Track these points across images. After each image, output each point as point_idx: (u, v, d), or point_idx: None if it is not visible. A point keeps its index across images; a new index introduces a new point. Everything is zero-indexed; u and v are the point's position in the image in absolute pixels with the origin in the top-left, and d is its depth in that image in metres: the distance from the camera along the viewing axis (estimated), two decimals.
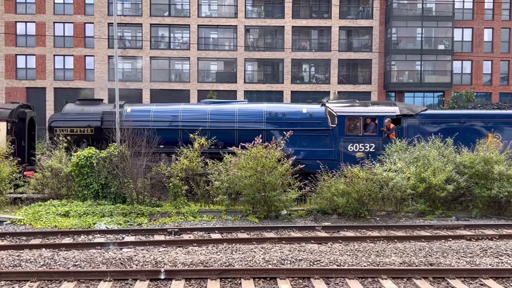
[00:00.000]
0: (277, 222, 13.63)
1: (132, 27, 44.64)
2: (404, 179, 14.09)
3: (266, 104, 18.43)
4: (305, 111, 17.56)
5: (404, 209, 14.94)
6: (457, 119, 17.15)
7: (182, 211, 14.13)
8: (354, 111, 17.32)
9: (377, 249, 10.42)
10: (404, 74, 44.55)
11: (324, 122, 17.16)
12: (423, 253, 10.14)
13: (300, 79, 45.43)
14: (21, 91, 43.72)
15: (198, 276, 8.46)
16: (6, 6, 43.40)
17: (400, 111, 17.21)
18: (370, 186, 13.82)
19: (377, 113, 17.26)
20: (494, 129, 16.86)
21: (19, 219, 13.29)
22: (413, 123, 17.00)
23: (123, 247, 10.65)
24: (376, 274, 8.62)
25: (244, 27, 44.35)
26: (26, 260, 9.35)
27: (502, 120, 17.14)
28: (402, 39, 44.04)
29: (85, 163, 15.02)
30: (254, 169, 13.64)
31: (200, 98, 42.04)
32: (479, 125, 16.96)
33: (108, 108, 18.10)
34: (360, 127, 17.02)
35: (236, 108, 17.88)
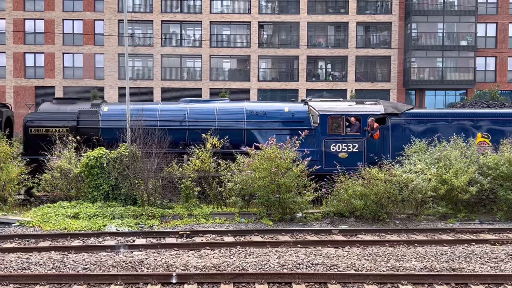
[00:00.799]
0: (292, 225, 13.61)
1: (143, 24, 44.90)
2: (424, 180, 13.98)
3: (247, 103, 18.48)
4: (287, 110, 17.56)
5: (425, 212, 14.83)
6: (444, 118, 17.07)
7: (194, 213, 14.18)
8: (336, 110, 17.17)
9: (396, 254, 10.36)
10: (424, 71, 44.16)
11: (307, 121, 17.08)
12: (445, 258, 10.06)
13: (316, 76, 45.29)
14: (30, 90, 44.24)
15: (210, 280, 8.49)
16: (15, 3, 43.94)
17: (385, 109, 17.06)
18: (389, 188, 13.73)
19: (361, 112, 17.06)
20: (483, 128, 16.76)
21: (28, 221, 13.43)
22: (399, 122, 16.86)
23: (134, 250, 10.72)
24: (396, 279, 8.57)
25: (258, 23, 44.34)
26: (35, 263, 9.46)
27: (491, 119, 16.98)
28: (423, 34, 43.64)
29: (95, 163, 15.13)
30: (268, 170, 13.62)
31: (213, 96, 42.15)
32: (467, 124, 16.81)
33: (84, 107, 18.25)
34: (343, 127, 16.89)
35: (216, 107, 17.88)
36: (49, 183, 15.55)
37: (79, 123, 17.59)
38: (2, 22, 44.15)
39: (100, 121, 17.62)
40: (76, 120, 17.63)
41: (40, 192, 15.59)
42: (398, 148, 16.19)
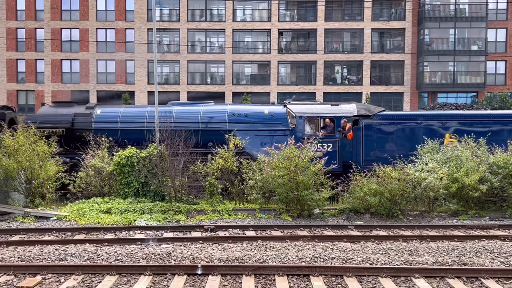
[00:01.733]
0: (310, 221, 13.57)
1: (170, 32, 45.23)
2: (436, 179, 13.81)
3: (230, 106, 18.56)
4: (266, 112, 17.64)
5: (437, 209, 14.65)
6: (414, 120, 17.00)
7: (217, 209, 14.24)
8: (312, 112, 17.26)
9: (409, 248, 10.25)
10: (437, 75, 43.61)
11: (285, 123, 17.20)
12: (456, 253, 9.92)
13: (333, 80, 45.06)
14: (66, 94, 44.92)
15: (233, 272, 8.51)
16: (52, 14, 44.69)
17: (358, 111, 17.12)
18: (402, 186, 13.61)
19: (335, 114, 17.21)
20: (451, 129, 16.72)
21: (64, 216, 13.65)
22: (370, 123, 16.86)
23: (162, 243, 10.80)
24: (409, 272, 8.48)
25: (278, 30, 44.30)
26: (71, 254, 9.59)
27: (458, 120, 16.89)
28: (435, 40, 43.10)
29: (126, 162, 15.30)
30: (287, 169, 13.62)
31: (235, 100, 42.28)
32: (436, 125, 16.81)
33: (79, 110, 18.50)
34: (318, 127, 17.01)
35: (200, 109, 17.97)
36: (84, 181, 15.78)
37: (74, 124, 17.87)
38: (41, 31, 44.94)
39: (93, 123, 17.90)
40: (71, 122, 17.91)
41: (75, 189, 15.83)
42: (370, 147, 16.40)
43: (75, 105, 19.28)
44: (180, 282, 8.07)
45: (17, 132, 15.16)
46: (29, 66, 45.09)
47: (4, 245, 10.51)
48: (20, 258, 9.39)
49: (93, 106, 18.68)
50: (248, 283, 8.07)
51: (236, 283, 8.10)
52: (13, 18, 44.90)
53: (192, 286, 7.95)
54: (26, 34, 44.98)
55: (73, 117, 18.05)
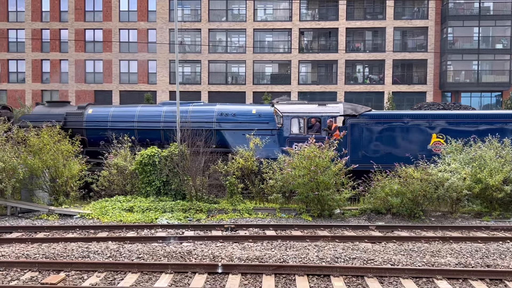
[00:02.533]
0: (330, 221, 13.51)
1: (192, 32, 45.50)
2: (459, 179, 13.60)
3: (218, 105, 18.52)
4: (254, 112, 17.70)
5: (459, 209, 14.43)
6: (400, 119, 16.82)
7: (238, 208, 14.27)
8: (298, 111, 17.21)
9: (432, 250, 10.13)
10: (460, 74, 42.94)
11: (272, 122, 17.23)
12: (479, 255, 9.76)
13: (354, 80, 44.74)
14: (90, 94, 45.57)
15: (253, 271, 8.52)
16: (76, 15, 45.38)
17: (344, 111, 17.06)
18: (425, 186, 13.44)
19: (321, 113, 17.19)
20: (438, 129, 16.54)
21: (87, 213, 13.84)
22: (357, 123, 16.78)
23: (183, 241, 10.87)
24: (431, 274, 8.38)
25: (299, 29, 44.19)
26: (94, 252, 9.73)
27: (446, 120, 16.70)
28: (458, 38, 42.43)
29: (148, 161, 15.44)
30: (308, 169, 13.57)
31: (255, 99, 42.32)
32: (423, 125, 16.64)
33: (71, 110, 18.86)
34: (305, 127, 16.98)
35: (189, 109, 18.09)
36: (106, 179, 15.98)
37: (66, 124, 18.08)
38: (65, 32, 45.69)
39: (84, 122, 18.21)
40: (63, 121, 18.13)
41: (98, 187, 16.05)
42: (356, 146, 16.34)
43: (68, 105, 19.80)
44: (201, 281, 8.12)
45: (41, 131, 15.44)
46: (53, 66, 45.88)
47: (29, 242, 10.72)
48: (45, 255, 9.56)
49: (85, 106, 19.14)
50: (268, 282, 8.07)
51: (256, 282, 8.11)
52: (38, 19, 45.75)
53: (212, 285, 7.99)
54: (51, 35, 45.78)
55: (65, 117, 18.44)
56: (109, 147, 16.67)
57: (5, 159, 13.94)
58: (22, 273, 8.53)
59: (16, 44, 46.23)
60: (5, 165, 13.86)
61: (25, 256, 9.51)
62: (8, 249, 10.02)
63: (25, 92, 45.91)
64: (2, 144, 14.75)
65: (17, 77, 46.54)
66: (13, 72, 46.53)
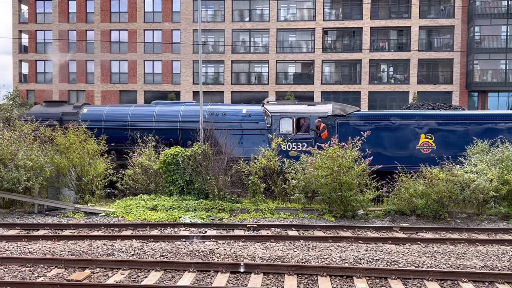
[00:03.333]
0: (353, 222, 13.40)
1: (215, 33, 45.73)
2: (486, 181, 13.34)
3: (209, 105, 18.63)
4: (245, 112, 17.82)
5: (486, 211, 14.15)
6: (388, 119, 16.75)
7: (260, 208, 14.27)
8: (287, 112, 17.28)
9: (457, 252, 9.96)
10: (487, 74, 42.09)
11: (261, 122, 17.34)
12: (506, 257, 9.55)
13: (378, 79, 44.30)
14: (115, 94, 46.22)
15: (275, 271, 8.51)
16: (102, 16, 46.08)
17: (333, 111, 17.05)
18: (450, 187, 13.22)
19: (309, 113, 17.24)
20: (426, 129, 16.39)
21: (112, 212, 14.03)
22: (345, 122, 16.83)
23: (206, 240, 10.93)
24: (456, 276, 8.24)
25: (322, 29, 43.98)
26: (119, 249, 9.86)
27: (434, 121, 16.54)
28: (486, 37, 41.59)
29: (172, 160, 15.57)
30: (331, 169, 13.49)
31: (279, 99, 42.28)
32: (411, 125, 16.49)
33: (67, 109, 19.27)
34: (293, 127, 17.00)
35: (181, 109, 18.38)
36: (131, 178, 16.18)
37: (62, 123, 18.38)
38: (91, 33, 46.44)
39: (79, 121, 18.42)
40: (59, 120, 18.50)
41: (123, 186, 16.26)
42: None
43: (64, 105, 20.29)
44: (223, 280, 8.15)
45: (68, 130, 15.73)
46: (80, 67, 46.69)
47: (56, 239, 10.93)
48: (70, 252, 9.73)
49: (80, 105, 19.57)
50: (290, 282, 8.06)
51: (279, 282, 8.10)
52: (65, 20, 46.61)
53: (234, 284, 8.01)
54: (77, 35, 46.60)
55: (61, 116, 18.87)
56: None
57: (32, 157, 14.25)
58: (48, 270, 8.70)
59: (43, 45, 47.20)
60: (33, 163, 14.16)
61: (51, 253, 9.70)
62: (35, 246, 10.24)
63: (52, 92, 46.84)
64: (30, 143, 15.07)
65: (44, 78, 47.53)
66: (40, 73, 47.53)
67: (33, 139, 15.41)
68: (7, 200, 15.14)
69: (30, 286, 7.74)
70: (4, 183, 13.82)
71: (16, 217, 13.76)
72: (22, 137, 15.06)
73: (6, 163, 13.97)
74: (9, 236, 11.17)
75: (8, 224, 12.51)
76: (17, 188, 13.94)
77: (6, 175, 13.71)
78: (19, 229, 12.20)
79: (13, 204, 15.25)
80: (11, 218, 13.61)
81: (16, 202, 15.21)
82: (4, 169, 13.76)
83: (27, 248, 10.04)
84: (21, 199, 14.63)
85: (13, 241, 10.83)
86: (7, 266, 8.85)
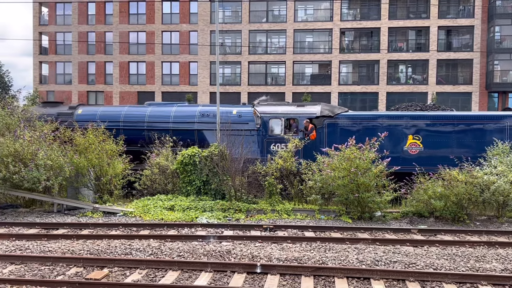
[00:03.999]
0: (371, 223, 13.31)
1: (232, 34, 45.86)
2: (506, 183, 13.14)
3: (200, 107, 18.98)
4: (235, 112, 18.14)
5: (506, 214, 13.94)
6: (375, 120, 16.93)
7: (276, 209, 14.27)
8: (276, 112, 17.43)
9: (476, 254, 9.83)
10: (508, 74, 41.41)
11: (251, 123, 17.56)
12: None
13: (396, 80, 43.94)
14: (133, 95, 46.64)
15: (292, 272, 8.50)
16: (120, 18, 46.55)
17: (321, 112, 17.20)
18: (470, 189, 13.05)
19: (298, 114, 17.43)
20: (414, 130, 16.51)
21: (130, 212, 14.16)
22: (333, 123, 16.97)
23: (222, 240, 10.96)
24: (475, 279, 8.13)
25: (340, 29, 43.80)
26: (136, 249, 9.95)
27: (422, 121, 16.61)
28: (506, 37, 40.97)
29: (189, 161, 15.66)
30: (348, 170, 13.42)
31: (295, 100, 42.22)
32: (399, 126, 16.64)
33: (63, 110, 19.70)
34: (282, 128, 17.29)
35: (172, 110, 18.71)
36: (149, 178, 16.31)
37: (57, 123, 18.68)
38: (109, 34, 46.96)
39: (74, 122, 18.65)
40: (54, 120, 18.65)
41: (141, 186, 16.40)
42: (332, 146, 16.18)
43: (60, 105, 20.78)
44: (240, 280, 8.17)
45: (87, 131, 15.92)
46: (98, 68, 47.23)
47: (75, 239, 11.07)
48: (89, 251, 9.85)
49: (75, 106, 20.01)
50: (307, 284, 8.04)
51: (295, 283, 8.09)
52: (84, 22, 47.20)
53: (251, 285, 8.02)
54: (96, 37, 47.15)
55: (56, 116, 19.19)
56: None
57: (52, 157, 14.45)
58: (67, 268, 8.82)
59: (63, 46, 47.87)
60: (53, 163, 14.36)
61: (70, 252, 9.83)
62: (55, 245, 10.39)
63: (72, 93, 47.46)
64: (50, 143, 15.30)
65: (64, 79, 48.18)
66: (60, 74, 48.20)
67: (53, 139, 15.63)
68: (27, 199, 15.40)
69: (50, 284, 7.85)
70: (25, 182, 14.05)
71: (36, 216, 13.98)
72: (42, 137, 15.29)
73: (26, 162, 14.20)
74: (30, 235, 11.35)
75: (28, 223, 12.72)
76: (37, 187, 14.15)
77: (26, 174, 13.93)
78: (39, 228, 12.39)
79: (33, 203, 15.51)
80: (31, 217, 13.84)
81: (36, 201, 15.46)
82: (24, 169, 13.99)
83: (46, 247, 10.19)
84: (41, 198, 14.86)
85: (33, 240, 11.01)
86: (27, 265, 9.00)
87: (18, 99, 20.43)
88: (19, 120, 16.38)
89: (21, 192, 14.78)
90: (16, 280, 7.95)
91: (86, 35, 47.28)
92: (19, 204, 15.62)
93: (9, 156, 14.21)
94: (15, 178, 13.96)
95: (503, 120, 16.16)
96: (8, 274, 8.45)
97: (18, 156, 14.32)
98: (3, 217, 13.78)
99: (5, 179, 14.24)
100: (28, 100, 40.10)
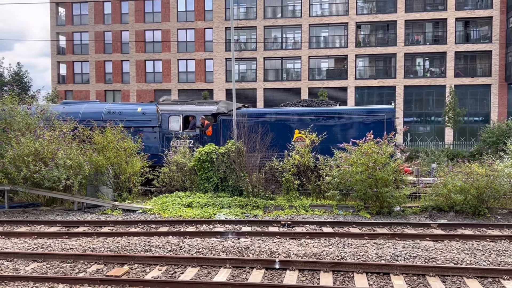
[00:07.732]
0: (389, 218, 13.21)
1: (247, 30, 45.86)
2: None
3: (108, 104, 19.88)
4: (139, 110, 19.03)
5: None
6: (264, 116, 18.16)
7: (294, 205, 14.25)
8: (175, 110, 18.54)
9: (498, 249, 9.69)
10: None
11: (154, 120, 18.43)
12: None
13: (414, 73, 43.48)
14: (150, 93, 46.95)
15: (311, 268, 8.48)
16: (136, 17, 46.85)
17: (217, 109, 18.42)
18: (490, 182, 12.86)
19: (196, 112, 18.66)
20: (299, 124, 17.45)
21: (149, 209, 14.27)
22: (227, 119, 17.94)
23: (241, 236, 10.98)
24: (497, 274, 8.02)
25: (355, 23, 43.47)
26: (156, 246, 10.02)
27: (307, 117, 17.61)
28: None
29: (206, 158, 15.71)
30: (366, 165, 13.32)
31: (311, 96, 42.07)
32: (287, 121, 17.74)
33: None
34: (180, 124, 18.37)
35: (82, 107, 19.55)
36: (167, 176, 16.41)
37: None
38: (126, 33, 47.31)
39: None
40: None
41: (159, 183, 16.52)
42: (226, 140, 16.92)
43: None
44: (259, 276, 8.18)
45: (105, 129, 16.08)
46: (115, 67, 47.66)
47: (95, 236, 11.20)
48: (109, 248, 9.96)
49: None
50: (326, 279, 8.01)
51: (314, 279, 8.08)
52: (100, 22, 47.64)
53: (270, 280, 8.03)
54: (113, 36, 47.57)
55: None
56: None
57: (71, 156, 14.64)
58: (88, 266, 8.93)
59: (80, 46, 48.41)
60: (72, 162, 14.54)
61: (91, 249, 9.95)
62: (76, 243, 10.53)
63: (90, 92, 47.99)
64: (69, 142, 15.49)
65: (81, 78, 48.74)
66: (78, 74, 48.78)
67: (71, 138, 15.82)
68: (48, 198, 15.63)
69: (72, 282, 7.96)
70: (45, 181, 14.24)
71: (56, 214, 14.19)
72: (61, 137, 15.49)
73: (46, 162, 14.40)
74: (51, 233, 11.52)
75: (49, 221, 12.90)
76: (57, 186, 14.35)
77: (47, 173, 14.12)
78: (60, 226, 12.57)
79: (54, 202, 15.74)
80: (52, 215, 14.04)
81: (56, 200, 15.68)
82: (45, 168, 14.19)
83: (68, 245, 10.33)
84: (61, 197, 15.07)
85: (54, 237, 11.17)
86: (49, 262, 9.13)
87: (38, 99, 20.68)
88: (39, 119, 16.60)
89: (42, 191, 15.00)
90: (39, 277, 8.08)
91: (103, 35, 47.71)
92: (40, 202, 15.88)
93: (30, 156, 14.41)
94: (36, 177, 14.16)
95: (380, 113, 17.33)
96: (31, 272, 8.59)
97: (38, 156, 14.53)
98: (24, 216, 14.02)
99: (26, 178, 14.46)
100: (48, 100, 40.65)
